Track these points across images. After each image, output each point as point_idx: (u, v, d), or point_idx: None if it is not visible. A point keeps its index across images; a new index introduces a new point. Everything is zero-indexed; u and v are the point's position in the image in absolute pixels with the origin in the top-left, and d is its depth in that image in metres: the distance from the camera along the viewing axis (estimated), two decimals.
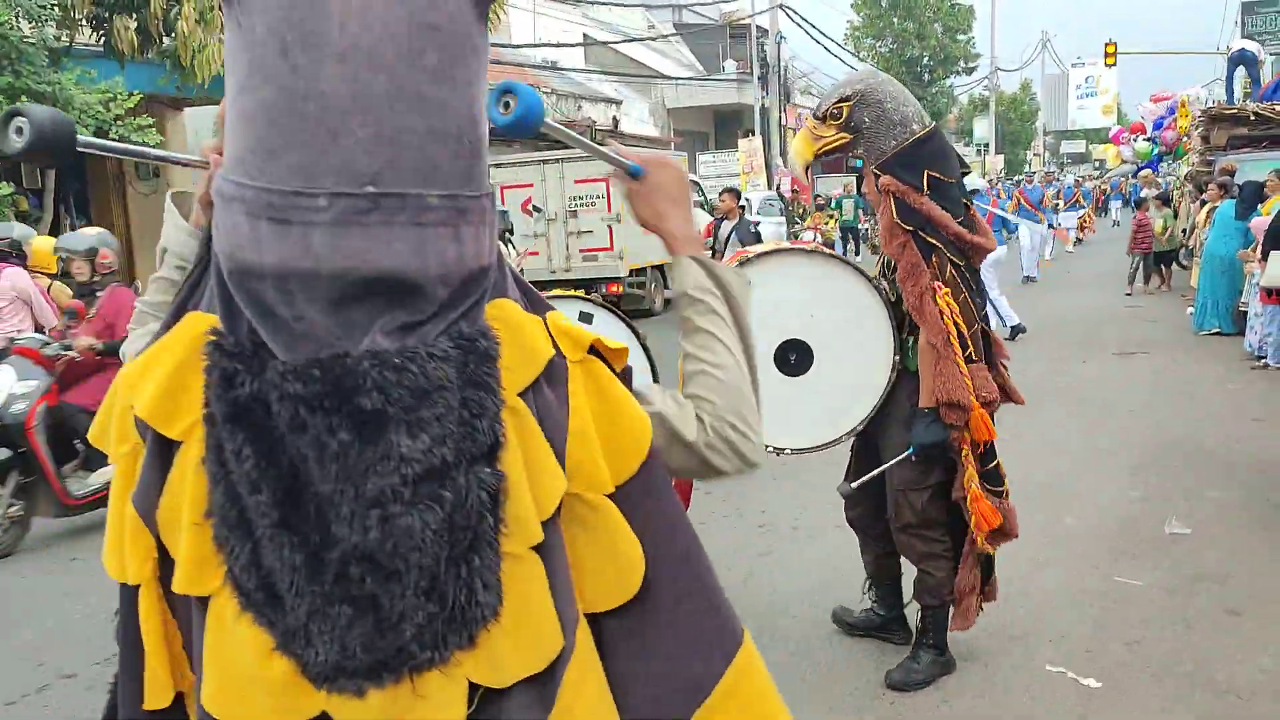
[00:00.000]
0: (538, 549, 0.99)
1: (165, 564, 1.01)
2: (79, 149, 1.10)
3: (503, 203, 14.53)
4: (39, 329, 7.48)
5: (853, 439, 3.71)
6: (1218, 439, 6.72)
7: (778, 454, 3.62)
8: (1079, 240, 24.39)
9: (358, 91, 0.88)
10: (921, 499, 3.48)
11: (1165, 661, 3.71)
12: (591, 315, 3.30)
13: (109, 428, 1.05)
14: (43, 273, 7.65)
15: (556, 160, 15.81)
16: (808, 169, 3.69)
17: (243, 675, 0.96)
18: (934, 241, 3.26)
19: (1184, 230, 16.24)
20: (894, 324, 3.48)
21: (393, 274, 0.90)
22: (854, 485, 3.66)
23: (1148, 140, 22.15)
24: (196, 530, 0.96)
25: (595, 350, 1.05)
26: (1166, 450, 6.49)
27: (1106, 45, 30.81)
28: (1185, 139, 19.10)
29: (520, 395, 0.98)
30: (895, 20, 42.35)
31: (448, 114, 0.92)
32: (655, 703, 1.06)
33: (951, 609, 3.56)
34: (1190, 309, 12.88)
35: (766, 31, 29.51)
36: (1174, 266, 16.26)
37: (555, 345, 1.02)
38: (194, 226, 1.31)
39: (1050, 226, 19.56)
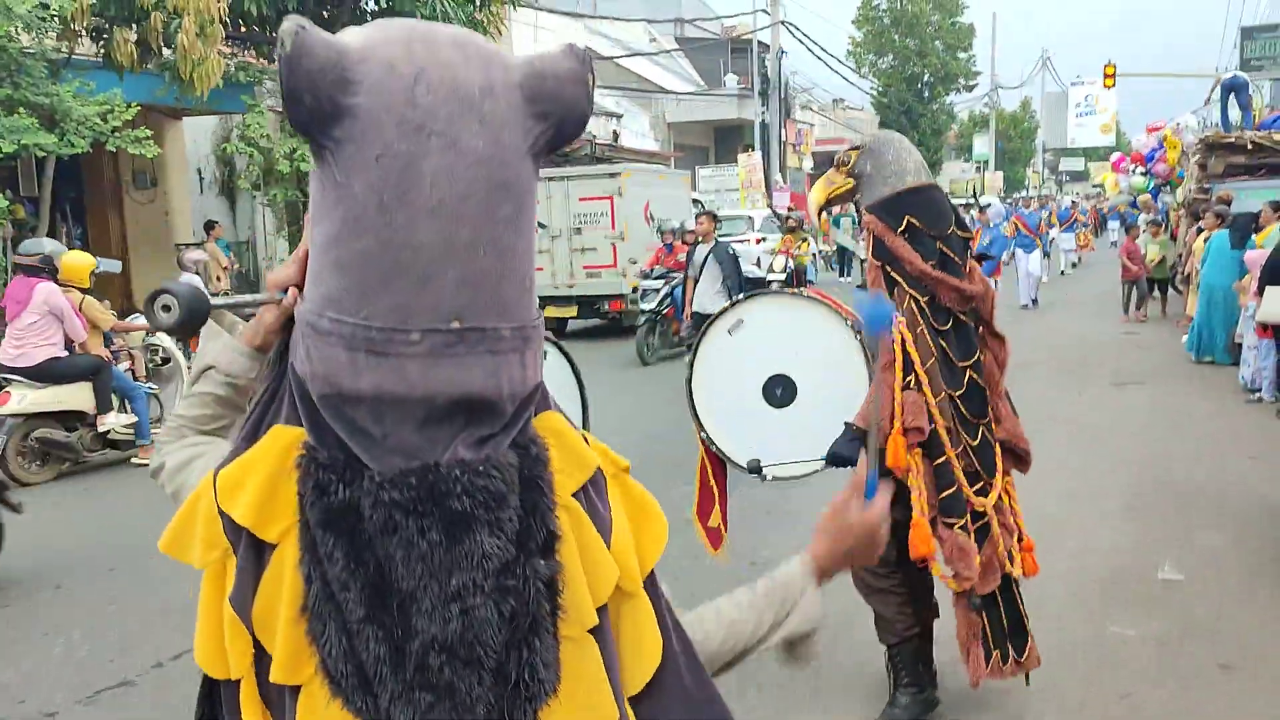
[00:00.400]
0: (593, 632, 1.14)
1: (260, 658, 1.11)
2: (211, 309, 1.24)
3: None
4: (69, 344, 7.67)
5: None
6: (1211, 477, 6.70)
7: (762, 479, 3.89)
8: (1075, 263, 24.35)
9: (446, 242, 1.04)
10: None
11: (1158, 717, 3.68)
12: (546, 352, 3.37)
13: (189, 535, 1.16)
14: (75, 287, 7.84)
15: (562, 178, 16.11)
16: (820, 211, 3.91)
17: None
18: (898, 276, 3.50)
19: (1180, 255, 16.28)
20: (868, 358, 3.67)
21: (473, 395, 1.07)
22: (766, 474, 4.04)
23: (1143, 174, 22.12)
24: (293, 625, 1.08)
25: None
26: (1160, 489, 6.48)
27: (1106, 67, 30.91)
28: (1176, 172, 19.16)
29: (573, 495, 1.14)
30: (896, 37, 42.46)
31: (517, 257, 1.09)
32: None
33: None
34: (1185, 337, 12.91)
35: (768, 47, 29.58)
36: (1170, 292, 16.27)
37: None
38: (247, 345, 1.36)
39: (1045, 254, 19.57)
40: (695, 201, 20.00)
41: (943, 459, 3.46)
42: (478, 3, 14.56)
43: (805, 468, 3.85)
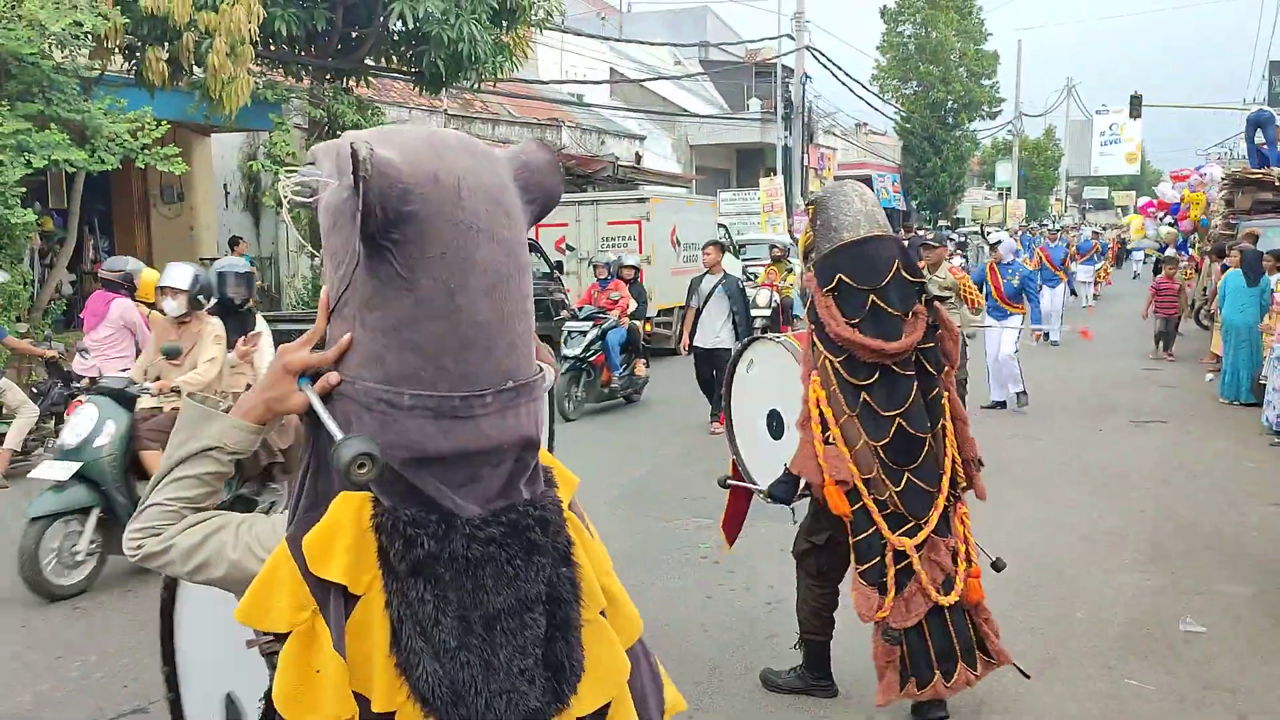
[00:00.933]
0: (601, 612, 1.49)
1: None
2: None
3: (536, 238, 14.80)
4: (137, 354, 7.78)
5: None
6: (1233, 524, 6.63)
7: (765, 500, 4.27)
8: (1095, 296, 24.07)
9: (498, 315, 1.34)
10: (804, 543, 4.11)
11: None
12: None
13: (270, 602, 1.33)
14: (145, 303, 8.18)
15: (591, 202, 16.52)
16: (806, 258, 4.12)
17: None
18: (816, 338, 3.83)
19: (1204, 290, 16.16)
20: None
21: (528, 439, 1.39)
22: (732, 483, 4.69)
23: (1170, 225, 21.93)
24: (386, 659, 1.31)
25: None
26: (1180, 535, 6.41)
27: (1131, 98, 30.77)
28: (1200, 221, 19.04)
29: (569, 507, 1.48)
30: (921, 64, 42.43)
31: (531, 319, 1.41)
32: None
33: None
34: (1210, 375, 12.79)
35: (792, 71, 29.63)
36: (1194, 327, 16.17)
37: None
38: (255, 423, 1.47)
39: (1072, 291, 19.33)
40: (720, 226, 20.07)
41: (858, 505, 3.74)
42: (504, 25, 14.64)
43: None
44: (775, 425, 4.44)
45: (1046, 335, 16.27)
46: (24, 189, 10.02)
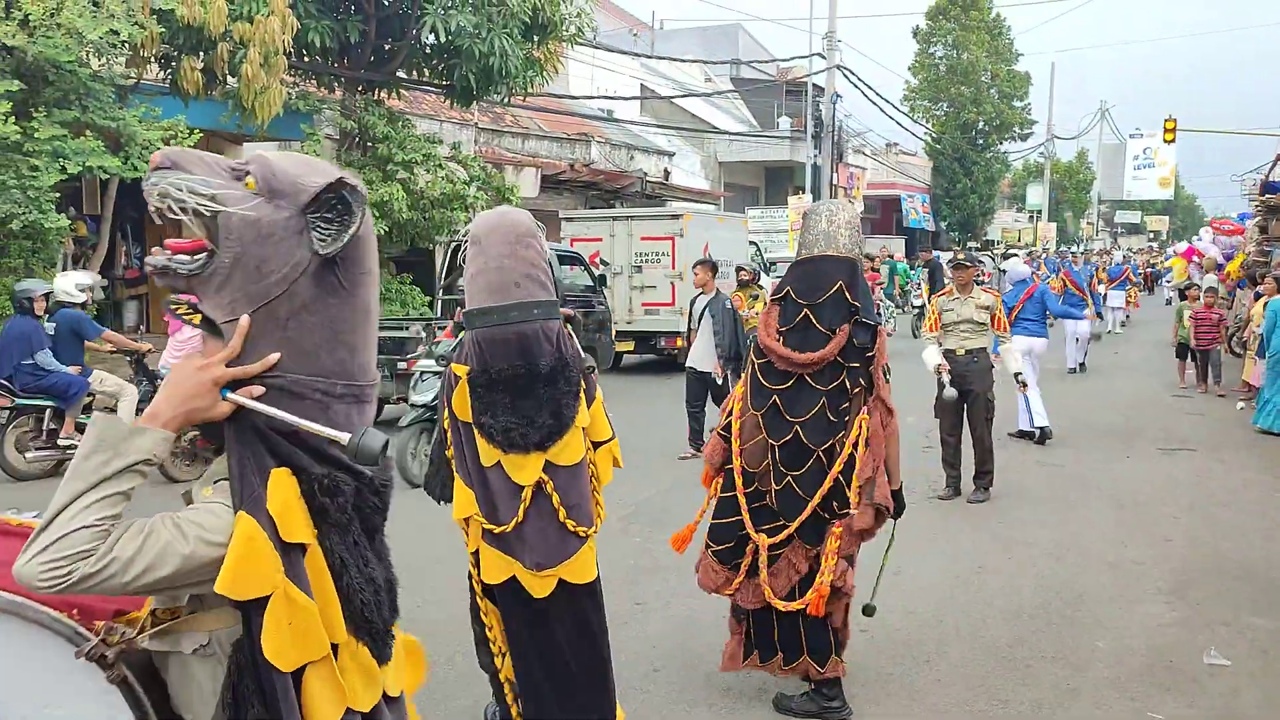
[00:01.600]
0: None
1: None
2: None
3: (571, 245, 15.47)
4: None
5: None
6: (1262, 557, 6.50)
7: None
8: (1124, 321, 23.61)
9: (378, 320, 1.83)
10: None
11: None
12: None
13: (251, 571, 1.53)
14: None
15: (626, 218, 16.88)
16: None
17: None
18: (754, 341, 4.24)
19: (1235, 317, 15.94)
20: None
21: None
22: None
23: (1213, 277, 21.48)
24: (334, 596, 1.66)
25: None
26: (1207, 566, 6.29)
27: (1166, 122, 30.52)
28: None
29: None
30: (952, 85, 42.30)
31: None
32: None
33: None
34: (1240, 403, 12.60)
35: (823, 90, 29.61)
36: (1226, 356, 15.90)
37: None
38: (174, 431, 1.58)
39: (1098, 314, 18.92)
40: (751, 244, 20.13)
41: (730, 494, 4.13)
42: (535, 40, 14.74)
43: None
44: None
45: (1081, 367, 15.77)
46: (58, 194, 10.17)
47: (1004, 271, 12.51)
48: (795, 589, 4.01)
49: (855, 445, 3.93)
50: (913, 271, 26.73)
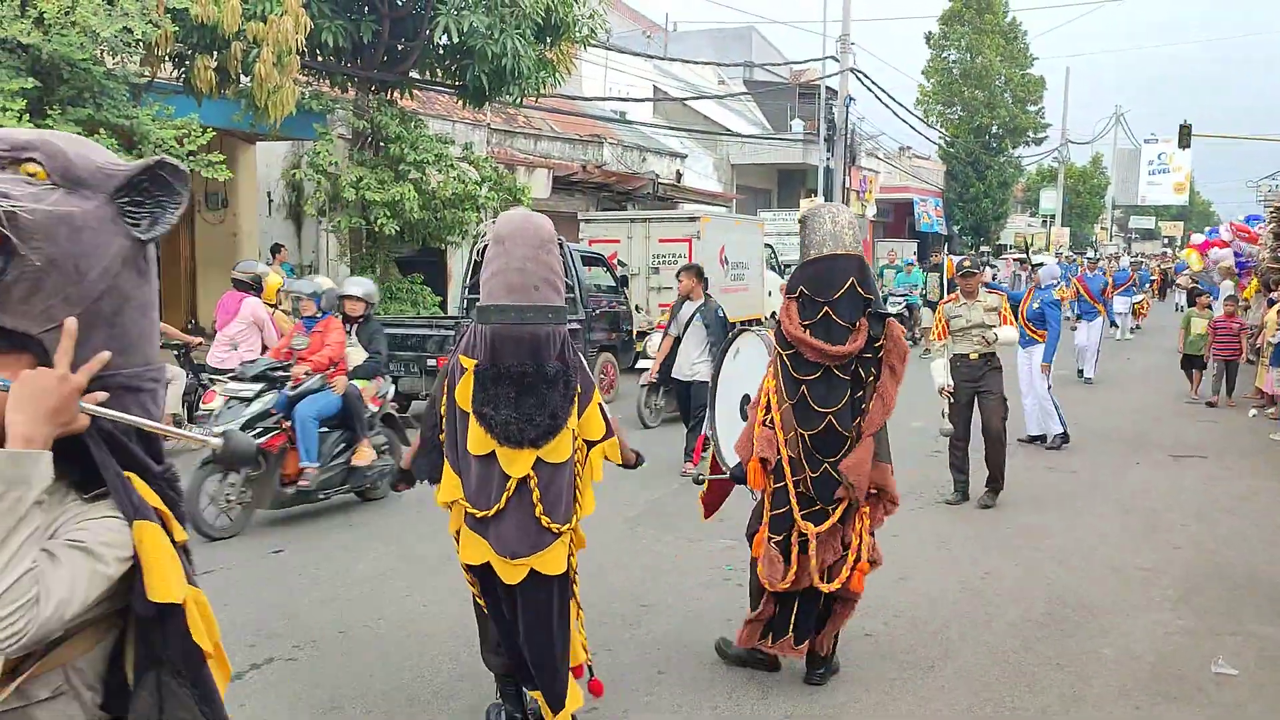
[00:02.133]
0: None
1: None
2: None
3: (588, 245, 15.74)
4: (263, 350, 9.04)
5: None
6: (1270, 566, 6.46)
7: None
8: (1134, 329, 23.24)
9: None
10: (755, 524, 4.55)
11: None
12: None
13: (173, 573, 1.54)
14: (269, 304, 9.41)
15: (644, 220, 17.13)
16: None
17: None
18: (775, 335, 4.43)
19: (1252, 328, 15.82)
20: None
21: None
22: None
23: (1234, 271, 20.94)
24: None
25: None
26: (1215, 574, 6.26)
27: (1181, 127, 30.38)
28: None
29: None
30: (965, 89, 42.16)
31: None
32: None
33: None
34: (1253, 411, 12.53)
35: (836, 93, 29.55)
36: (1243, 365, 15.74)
37: None
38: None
39: (1113, 323, 18.68)
40: (766, 246, 20.20)
41: (781, 484, 4.30)
42: (548, 41, 14.75)
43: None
44: (744, 407, 4.88)
45: (1080, 373, 15.42)
46: None
47: (1036, 268, 12.42)
48: (829, 569, 4.31)
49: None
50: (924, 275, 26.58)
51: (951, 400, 7.80)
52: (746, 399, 4.83)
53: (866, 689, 4.49)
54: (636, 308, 15.18)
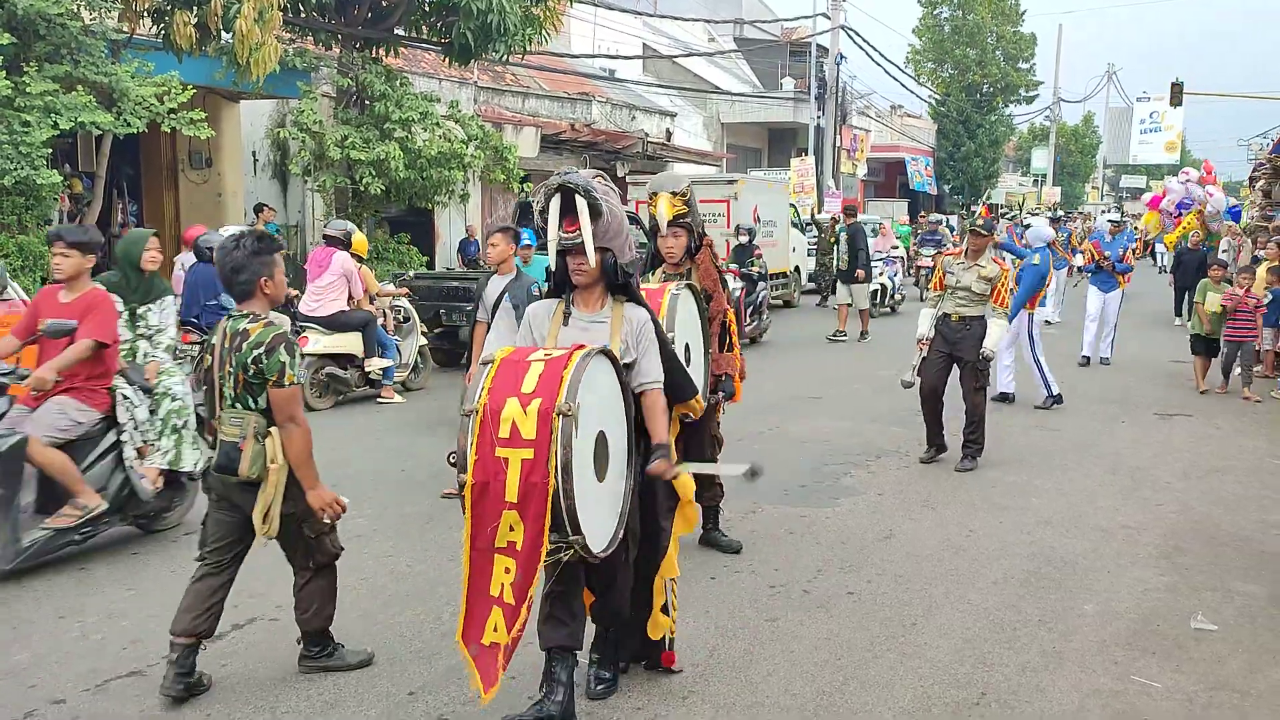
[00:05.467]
0: None
1: None
2: None
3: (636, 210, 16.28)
4: (349, 301, 9.90)
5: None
6: (1254, 523, 6.50)
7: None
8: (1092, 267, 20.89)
9: None
10: None
11: None
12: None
13: None
14: (358, 257, 10.14)
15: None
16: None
17: None
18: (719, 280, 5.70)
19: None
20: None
21: None
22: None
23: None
24: None
25: None
26: (1198, 532, 6.29)
27: (1173, 85, 30.23)
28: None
29: None
30: (956, 48, 41.81)
31: None
32: None
33: None
34: (1238, 368, 12.53)
35: (827, 51, 29.29)
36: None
37: None
38: None
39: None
40: (791, 206, 21.38)
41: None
42: None
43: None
44: (688, 355, 4.57)
45: (1087, 359, 13.23)
46: (50, 150, 10.07)
47: (1026, 227, 12.08)
48: None
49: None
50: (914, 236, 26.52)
51: (924, 355, 7.70)
52: (687, 349, 4.59)
53: (849, 647, 4.51)
54: None
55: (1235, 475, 7.72)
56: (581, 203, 3.52)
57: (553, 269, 3.81)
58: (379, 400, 10.12)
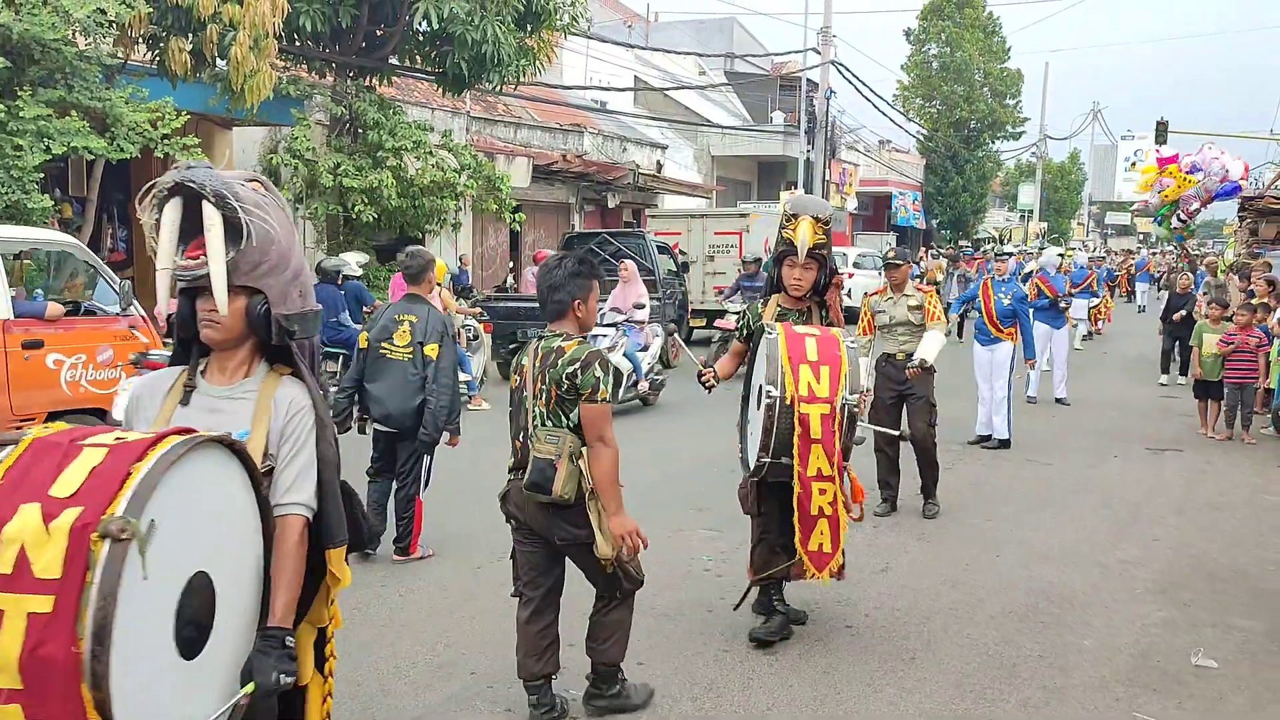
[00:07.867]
0: None
1: None
2: None
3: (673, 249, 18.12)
4: None
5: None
6: (1251, 557, 6.48)
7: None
8: (1091, 334, 20.02)
9: None
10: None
11: None
12: None
13: None
14: (436, 283, 10.02)
15: (701, 216, 21.22)
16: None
17: None
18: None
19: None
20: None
21: None
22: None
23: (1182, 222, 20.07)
24: None
25: None
26: (1195, 568, 6.27)
27: (1157, 124, 30.52)
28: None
29: None
30: (944, 83, 42.27)
31: None
32: None
33: None
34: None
35: (816, 86, 29.52)
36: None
37: None
38: None
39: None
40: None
41: None
42: (528, 28, 14.63)
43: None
44: (759, 399, 4.70)
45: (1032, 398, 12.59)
46: (43, 175, 10.02)
47: (999, 257, 12.05)
48: None
49: None
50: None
51: (870, 406, 6.94)
52: (759, 390, 4.67)
53: (848, 681, 4.46)
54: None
55: (1230, 511, 7.71)
56: (212, 215, 2.28)
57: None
58: (469, 409, 10.28)
